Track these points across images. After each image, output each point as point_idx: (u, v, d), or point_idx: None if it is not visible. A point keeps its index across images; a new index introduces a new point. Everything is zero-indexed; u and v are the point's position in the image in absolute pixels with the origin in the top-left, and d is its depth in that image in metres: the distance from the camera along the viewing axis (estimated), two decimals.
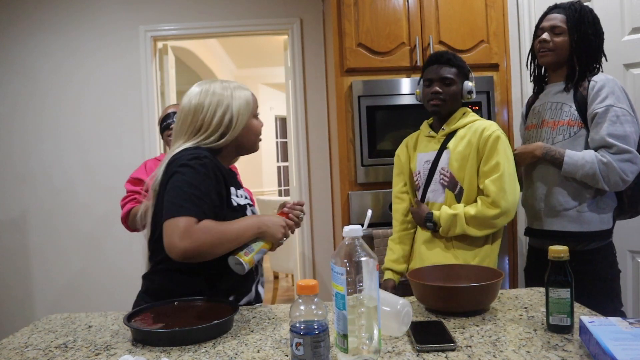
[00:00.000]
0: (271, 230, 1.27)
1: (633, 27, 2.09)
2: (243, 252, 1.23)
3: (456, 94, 1.66)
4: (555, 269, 0.95)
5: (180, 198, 1.18)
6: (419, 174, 1.75)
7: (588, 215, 1.62)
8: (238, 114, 1.32)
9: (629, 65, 2.11)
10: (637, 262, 2.10)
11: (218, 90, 1.33)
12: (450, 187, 1.65)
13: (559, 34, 1.65)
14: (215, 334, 1.01)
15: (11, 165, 3.17)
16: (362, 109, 2.38)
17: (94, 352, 0.96)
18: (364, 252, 0.83)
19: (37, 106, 3.19)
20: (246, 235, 1.24)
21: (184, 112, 1.32)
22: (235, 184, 1.37)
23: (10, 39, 3.24)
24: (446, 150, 1.66)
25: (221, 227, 1.19)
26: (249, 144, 1.39)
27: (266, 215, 1.32)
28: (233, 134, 1.32)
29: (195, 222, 1.16)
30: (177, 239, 1.14)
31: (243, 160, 1.54)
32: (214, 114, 1.30)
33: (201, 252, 1.16)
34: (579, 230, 1.62)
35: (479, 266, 1.28)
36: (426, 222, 1.65)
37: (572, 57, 1.66)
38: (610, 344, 0.75)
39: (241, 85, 1.38)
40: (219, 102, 1.31)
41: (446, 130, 1.69)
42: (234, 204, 1.30)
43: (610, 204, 1.64)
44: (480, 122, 1.66)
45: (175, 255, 1.14)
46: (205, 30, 3.35)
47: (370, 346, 0.83)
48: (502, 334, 0.95)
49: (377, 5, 2.41)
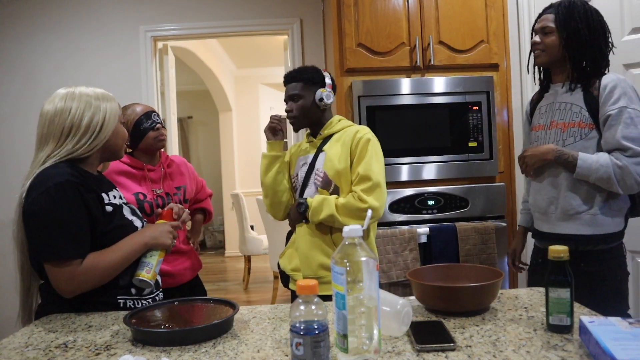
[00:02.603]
0: (160, 241, 1.31)
1: (633, 27, 2.10)
2: (144, 271, 1.28)
3: (305, 106, 1.74)
4: (555, 269, 0.95)
5: (54, 239, 1.17)
6: (296, 177, 1.82)
7: (601, 218, 1.58)
8: (109, 117, 1.30)
9: (628, 65, 2.11)
10: (637, 262, 2.10)
11: (84, 93, 1.30)
12: (324, 186, 1.70)
13: (548, 33, 1.63)
14: (215, 334, 1.01)
15: (12, 165, 3.19)
16: (362, 109, 2.39)
17: (94, 352, 0.96)
18: (364, 252, 0.83)
19: (38, 106, 3.16)
20: (134, 256, 1.27)
21: (49, 115, 1.27)
22: (106, 188, 1.35)
23: (11, 39, 3.24)
24: (322, 152, 1.74)
25: (106, 259, 1.22)
26: (116, 149, 1.36)
27: (148, 226, 1.36)
28: (102, 137, 1.29)
29: (78, 264, 1.18)
30: (63, 285, 1.19)
31: (243, 160, 1.55)
32: (82, 116, 1.26)
33: (88, 289, 1.21)
34: (592, 233, 1.59)
35: (479, 266, 1.28)
36: (298, 206, 1.69)
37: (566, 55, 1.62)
38: (610, 344, 0.75)
39: (107, 92, 1.35)
40: (87, 103, 1.28)
41: (322, 135, 1.77)
42: (108, 210, 1.27)
43: (623, 205, 1.61)
44: (354, 127, 1.76)
45: (65, 295, 1.20)
46: (205, 30, 3.35)
47: (370, 346, 0.83)
48: (502, 334, 0.95)
49: (377, 5, 2.42)
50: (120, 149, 1.39)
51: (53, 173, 1.20)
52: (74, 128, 1.26)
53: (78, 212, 1.19)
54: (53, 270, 1.18)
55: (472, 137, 2.43)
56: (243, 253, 4.93)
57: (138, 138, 1.84)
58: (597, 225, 1.59)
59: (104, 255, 1.22)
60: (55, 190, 1.17)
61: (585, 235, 1.60)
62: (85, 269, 1.18)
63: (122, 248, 1.25)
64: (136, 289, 1.31)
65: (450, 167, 2.42)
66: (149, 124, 1.84)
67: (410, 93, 2.40)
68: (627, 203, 1.62)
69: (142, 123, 1.84)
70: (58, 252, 1.17)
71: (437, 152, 2.43)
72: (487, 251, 2.33)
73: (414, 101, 2.41)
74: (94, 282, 1.22)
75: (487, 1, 2.44)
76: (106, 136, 1.30)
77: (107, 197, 1.31)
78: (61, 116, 1.26)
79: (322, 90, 1.73)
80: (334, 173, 1.69)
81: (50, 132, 1.26)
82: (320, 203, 1.65)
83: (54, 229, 1.17)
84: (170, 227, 1.36)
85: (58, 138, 1.26)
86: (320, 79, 1.76)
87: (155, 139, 1.86)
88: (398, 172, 2.41)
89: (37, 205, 1.17)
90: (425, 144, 2.43)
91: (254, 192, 6.44)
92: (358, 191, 1.63)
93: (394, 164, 2.41)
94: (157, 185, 1.86)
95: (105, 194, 1.31)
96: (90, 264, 1.19)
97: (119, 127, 1.36)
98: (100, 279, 1.22)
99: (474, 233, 2.33)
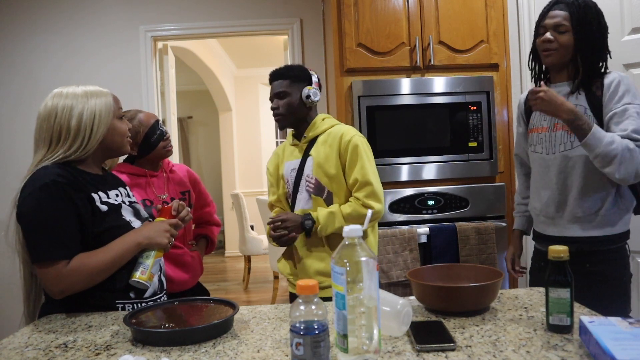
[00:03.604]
0: (155, 240, 1.27)
1: (633, 27, 2.09)
2: (139, 272, 1.24)
3: (291, 104, 1.71)
4: (555, 269, 0.95)
5: (40, 240, 1.16)
6: (287, 182, 1.79)
7: (611, 218, 1.56)
8: (100, 114, 1.26)
9: (628, 65, 2.11)
10: (637, 262, 2.10)
11: (72, 92, 1.27)
12: (317, 193, 1.68)
13: (563, 32, 1.56)
14: (215, 334, 1.01)
15: (12, 165, 3.19)
16: (362, 109, 2.39)
17: (94, 352, 0.96)
18: (364, 252, 0.83)
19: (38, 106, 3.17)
20: (126, 257, 1.23)
21: (39, 119, 1.26)
22: (108, 187, 1.32)
23: (11, 39, 3.24)
24: (309, 157, 1.71)
25: (95, 260, 1.19)
26: (116, 146, 1.34)
27: (144, 225, 1.31)
28: (96, 137, 1.26)
29: (65, 265, 1.16)
30: (50, 285, 1.18)
31: (243, 160, 1.55)
32: (70, 116, 1.23)
33: (78, 290, 1.20)
34: (602, 234, 1.57)
35: (479, 266, 1.28)
36: (304, 221, 1.64)
37: (577, 57, 1.57)
38: (610, 344, 0.75)
39: (100, 88, 1.32)
40: (73, 103, 1.25)
41: (307, 137, 1.74)
42: (103, 209, 1.25)
43: (628, 205, 1.59)
44: (338, 126, 1.73)
45: (54, 296, 1.19)
46: (205, 30, 3.35)
47: (370, 346, 0.83)
48: (502, 334, 0.95)
49: (377, 5, 2.42)
50: (122, 146, 1.35)
51: (41, 174, 1.20)
52: (63, 132, 1.24)
53: (63, 213, 1.18)
54: (40, 271, 1.18)
55: (472, 137, 2.43)
56: (243, 253, 4.93)
57: (149, 149, 1.85)
58: (607, 226, 1.56)
59: (93, 256, 1.20)
60: (41, 191, 1.17)
61: (595, 237, 1.57)
62: (72, 269, 1.17)
63: (113, 248, 1.22)
64: (135, 292, 1.28)
65: (450, 167, 2.42)
66: (159, 134, 1.86)
67: (410, 93, 2.40)
68: (634, 201, 1.60)
69: (153, 134, 1.84)
70: (43, 252, 1.17)
71: (437, 152, 2.43)
72: (487, 251, 2.33)
73: (414, 101, 2.41)
74: (83, 283, 1.19)
75: (487, 1, 2.44)
76: (100, 135, 1.27)
77: (106, 195, 1.28)
78: (49, 120, 1.24)
79: (308, 87, 1.72)
80: (326, 179, 1.67)
81: (41, 137, 1.25)
82: (328, 217, 1.63)
83: (39, 230, 1.17)
84: (167, 225, 1.31)
85: (49, 143, 1.24)
86: (307, 77, 1.74)
87: (164, 149, 1.88)
88: (398, 172, 2.41)
89: (25, 206, 1.18)
90: (425, 144, 2.43)
91: (254, 192, 6.44)
92: (362, 198, 1.62)
93: (394, 164, 2.41)
94: (161, 191, 1.87)
95: (104, 192, 1.28)
96: (78, 265, 1.17)
97: (116, 123, 1.32)
98: (89, 279, 1.19)
99: (474, 233, 2.33)
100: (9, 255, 1.27)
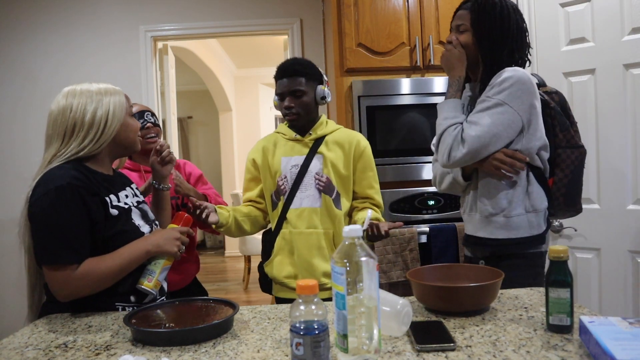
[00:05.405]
0: (164, 248, 1.26)
1: (633, 27, 2.09)
2: (146, 279, 1.25)
3: (308, 104, 1.66)
4: (555, 269, 0.95)
5: (51, 243, 1.16)
6: (285, 178, 1.69)
7: (515, 220, 1.47)
8: (114, 111, 1.27)
9: (628, 65, 2.11)
10: (637, 262, 2.10)
11: (86, 89, 1.28)
12: (328, 192, 1.66)
13: (463, 31, 1.54)
14: (215, 334, 1.01)
15: (12, 165, 3.18)
16: (362, 109, 2.39)
17: (94, 352, 0.96)
18: (364, 252, 0.83)
19: (38, 106, 3.18)
20: (135, 264, 1.23)
21: (53, 115, 1.26)
22: (118, 188, 1.32)
23: (10, 39, 3.24)
24: (318, 155, 1.67)
25: (103, 266, 1.18)
26: (129, 143, 1.33)
27: (154, 232, 1.30)
28: (110, 132, 1.26)
29: (74, 269, 1.16)
30: (57, 289, 1.17)
31: (243, 160, 1.54)
32: (85, 112, 1.24)
33: (84, 295, 1.20)
34: (507, 237, 1.48)
35: (479, 266, 1.28)
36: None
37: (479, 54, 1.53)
38: (610, 344, 0.75)
39: (113, 86, 1.33)
40: (87, 100, 1.25)
41: (314, 135, 1.69)
42: (113, 213, 1.24)
43: (539, 205, 1.49)
44: (347, 130, 1.75)
45: (61, 300, 1.19)
46: (205, 30, 3.35)
47: (370, 346, 0.83)
48: (502, 334, 0.95)
49: (377, 5, 2.42)
50: (133, 143, 1.35)
51: (56, 175, 1.19)
52: (77, 125, 1.24)
53: (77, 217, 1.17)
54: (48, 273, 1.18)
55: None
56: (243, 253, 4.93)
57: None
58: (510, 228, 1.47)
59: (101, 262, 1.19)
60: (56, 193, 1.16)
61: (498, 239, 1.49)
62: (81, 274, 1.16)
63: (122, 255, 1.21)
64: (136, 296, 1.28)
65: None
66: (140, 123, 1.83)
67: (410, 93, 2.40)
68: (545, 201, 1.50)
69: None
70: (53, 256, 1.16)
71: None
72: None
73: (414, 101, 2.41)
74: (90, 289, 1.19)
75: None
76: (113, 131, 1.27)
77: (117, 199, 1.28)
78: (64, 115, 1.24)
79: (322, 87, 1.68)
80: (338, 179, 1.65)
81: (55, 131, 1.25)
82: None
83: (51, 233, 1.16)
84: (178, 233, 1.30)
85: (62, 137, 1.24)
86: (320, 75, 1.71)
87: (144, 138, 1.81)
88: (398, 172, 2.41)
89: (37, 207, 1.17)
90: (425, 144, 2.42)
91: None
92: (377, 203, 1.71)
93: (394, 164, 2.41)
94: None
95: (115, 195, 1.28)
96: (86, 270, 1.17)
97: (128, 120, 1.32)
98: (97, 285, 1.19)
99: None
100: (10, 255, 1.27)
